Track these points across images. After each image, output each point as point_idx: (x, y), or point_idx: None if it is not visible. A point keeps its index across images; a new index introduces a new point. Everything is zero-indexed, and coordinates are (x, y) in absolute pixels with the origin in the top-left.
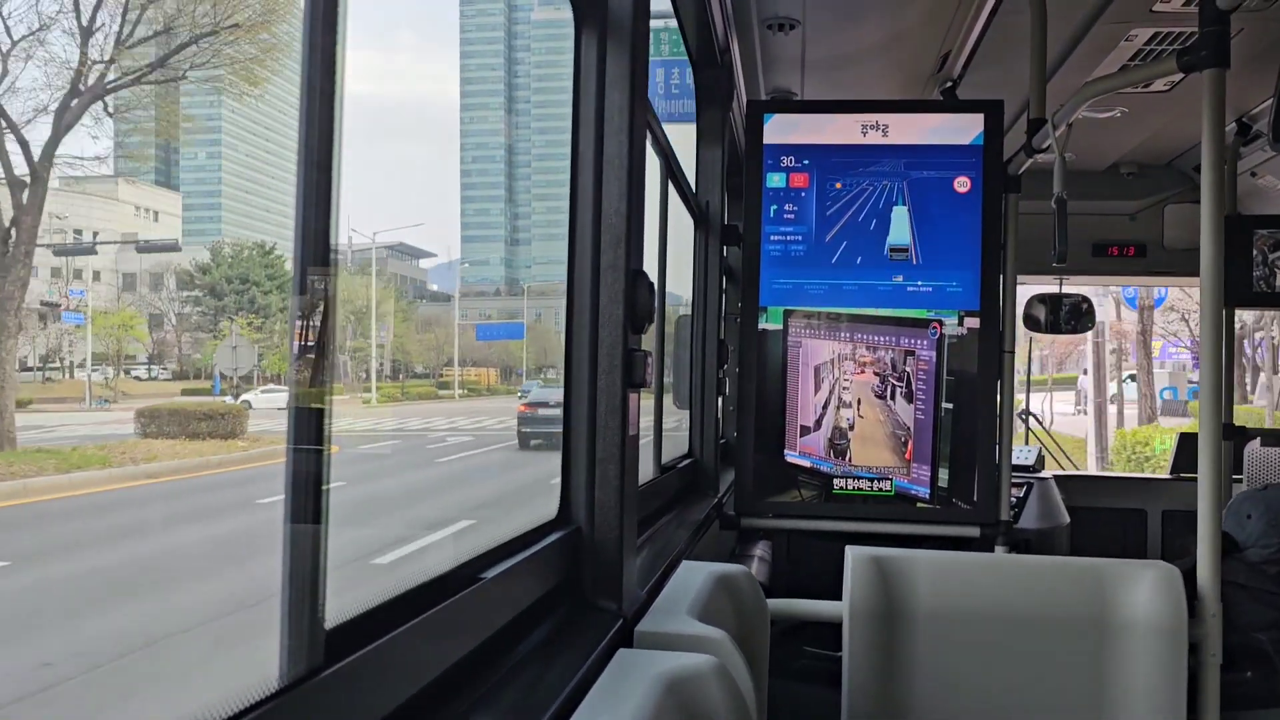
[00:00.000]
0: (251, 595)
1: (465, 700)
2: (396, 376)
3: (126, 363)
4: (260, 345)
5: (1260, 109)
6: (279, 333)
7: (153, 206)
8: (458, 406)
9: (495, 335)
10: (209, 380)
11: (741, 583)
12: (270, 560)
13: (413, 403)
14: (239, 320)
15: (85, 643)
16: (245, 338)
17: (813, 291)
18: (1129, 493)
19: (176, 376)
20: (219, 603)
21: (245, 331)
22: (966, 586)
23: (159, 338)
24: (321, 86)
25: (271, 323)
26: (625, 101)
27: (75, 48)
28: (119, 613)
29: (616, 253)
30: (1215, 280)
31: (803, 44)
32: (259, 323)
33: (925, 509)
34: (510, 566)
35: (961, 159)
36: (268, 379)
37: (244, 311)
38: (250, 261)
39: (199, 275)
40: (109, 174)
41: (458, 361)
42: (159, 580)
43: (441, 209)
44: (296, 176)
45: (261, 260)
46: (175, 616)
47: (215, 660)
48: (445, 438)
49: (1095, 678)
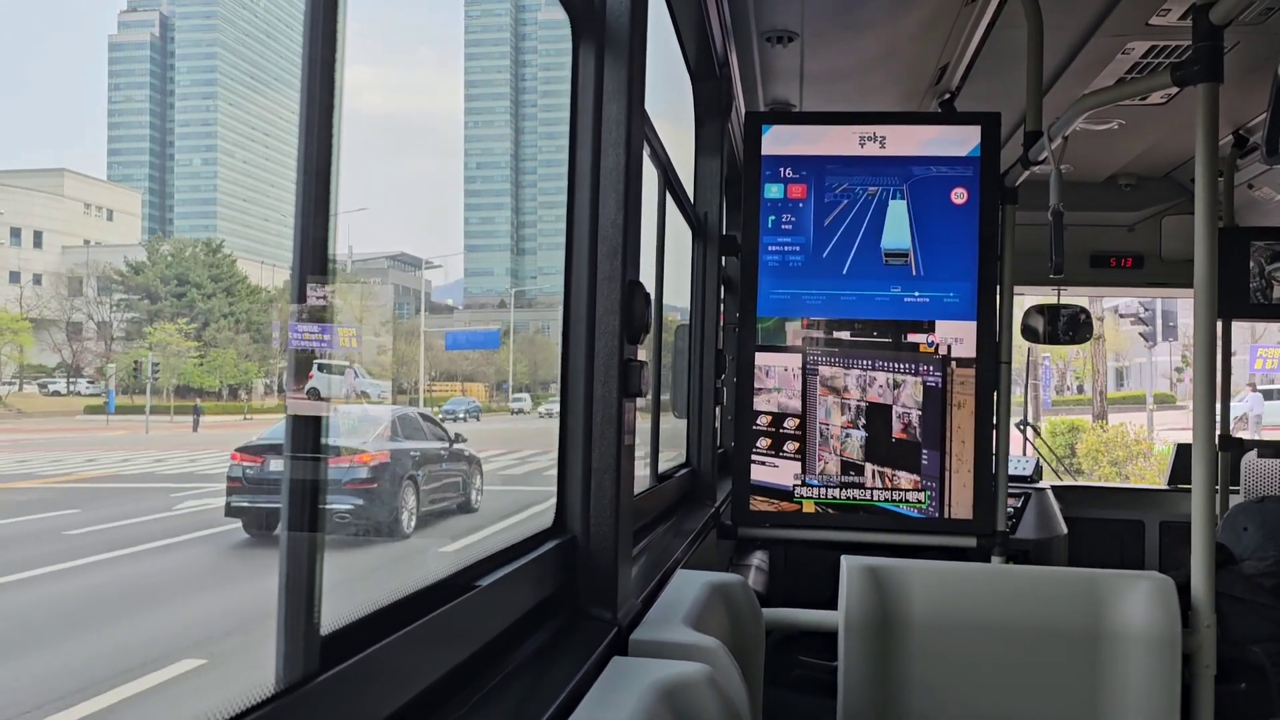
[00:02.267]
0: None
1: (458, 707)
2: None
3: (31, 374)
4: (194, 354)
5: (1257, 121)
6: (222, 341)
7: (106, 204)
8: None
9: (466, 344)
10: (140, 395)
11: (737, 592)
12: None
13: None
14: (168, 326)
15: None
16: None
17: (810, 302)
18: (1126, 504)
19: (126, 391)
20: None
21: (175, 339)
22: (961, 597)
23: (80, 347)
24: (321, 96)
25: (214, 330)
26: (623, 114)
27: None
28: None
29: (613, 264)
30: (1209, 292)
31: (801, 56)
32: (192, 329)
33: (922, 520)
34: (505, 575)
35: (959, 170)
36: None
37: (180, 316)
38: (192, 261)
39: (130, 275)
40: (54, 167)
41: (424, 374)
42: None
43: (444, 218)
44: (296, 184)
45: (206, 260)
46: None
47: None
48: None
49: (1090, 688)
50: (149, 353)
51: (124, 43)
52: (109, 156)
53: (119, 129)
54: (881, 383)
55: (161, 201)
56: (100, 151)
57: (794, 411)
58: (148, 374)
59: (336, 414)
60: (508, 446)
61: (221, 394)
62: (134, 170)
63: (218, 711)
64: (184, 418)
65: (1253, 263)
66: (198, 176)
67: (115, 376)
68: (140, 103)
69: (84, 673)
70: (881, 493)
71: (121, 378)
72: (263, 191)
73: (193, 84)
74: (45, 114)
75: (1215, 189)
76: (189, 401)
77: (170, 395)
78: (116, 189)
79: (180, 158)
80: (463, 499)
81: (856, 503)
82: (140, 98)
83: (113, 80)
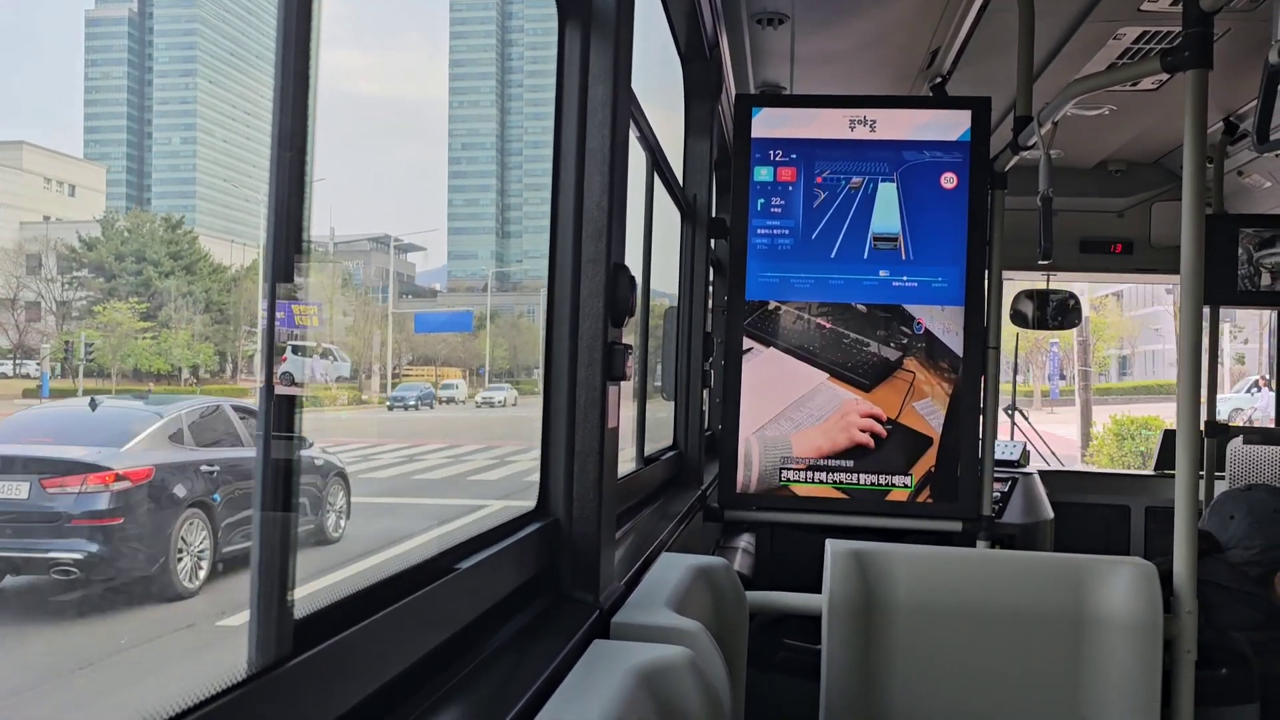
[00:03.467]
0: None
1: (437, 690)
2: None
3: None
4: (145, 336)
5: (1247, 108)
6: (177, 321)
7: (68, 179)
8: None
9: (437, 327)
10: (91, 380)
11: (720, 575)
12: None
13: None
14: (120, 306)
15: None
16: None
17: (799, 285)
18: (1113, 489)
19: (68, 373)
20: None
21: (126, 319)
22: (945, 581)
23: (25, 327)
24: (296, 66)
25: (169, 310)
26: (609, 95)
27: None
28: None
29: (598, 246)
30: (1195, 278)
31: (792, 38)
32: (144, 308)
33: (909, 504)
34: (485, 558)
35: (948, 155)
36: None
37: (135, 295)
38: (149, 236)
39: (84, 251)
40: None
41: (391, 358)
42: None
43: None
44: (270, 161)
45: (165, 236)
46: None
47: None
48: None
49: (1072, 672)
50: (85, 333)
51: (102, 18)
52: (85, 135)
53: (96, 105)
54: (869, 365)
55: (140, 181)
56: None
57: (783, 394)
58: (79, 355)
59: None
60: (487, 440)
61: (184, 376)
62: (112, 149)
63: (190, 696)
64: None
65: (1241, 249)
66: (177, 155)
67: (49, 358)
68: (118, 80)
69: None
70: (868, 476)
71: (57, 359)
72: (244, 171)
73: (171, 61)
74: (18, 89)
75: (1203, 175)
76: (141, 385)
77: (119, 378)
78: (80, 164)
79: (159, 136)
80: (310, 527)
81: (843, 486)
82: (118, 74)
83: (90, 56)
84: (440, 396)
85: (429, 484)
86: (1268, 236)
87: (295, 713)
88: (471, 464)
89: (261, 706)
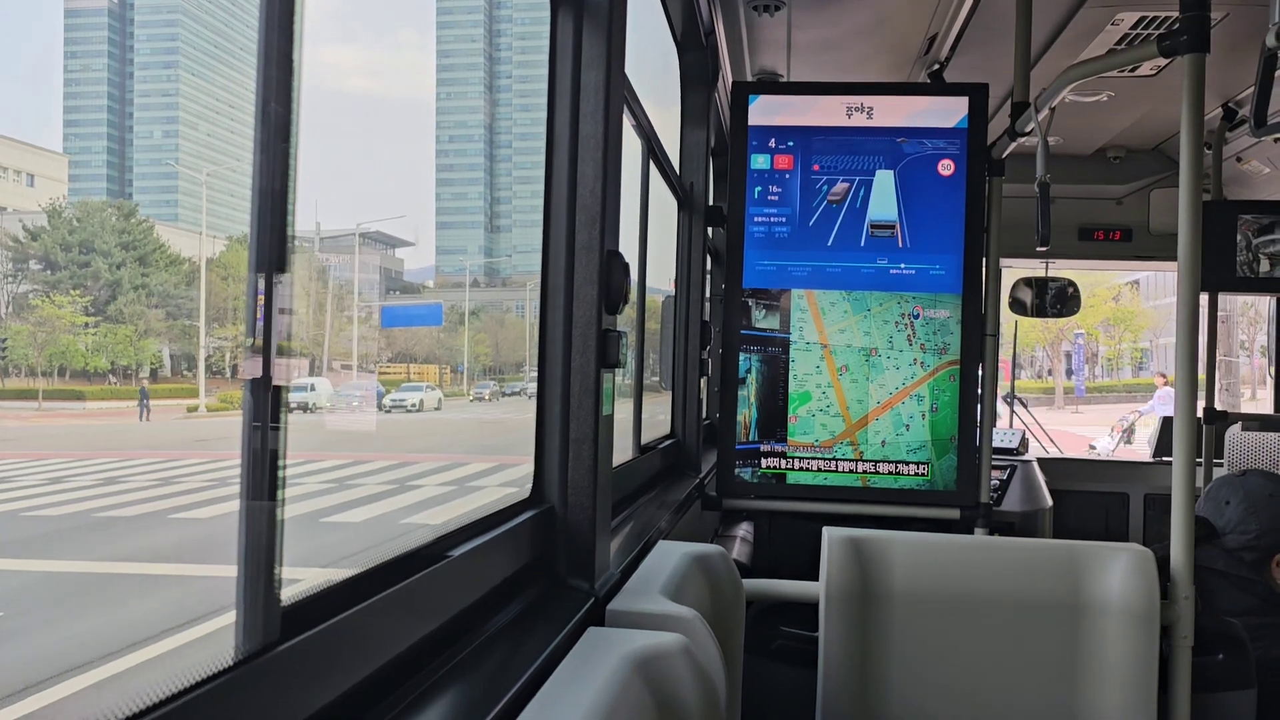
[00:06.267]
0: None
1: (429, 677)
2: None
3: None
4: (97, 331)
5: (1245, 94)
6: (130, 315)
7: (26, 169)
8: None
9: (405, 321)
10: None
11: (717, 563)
12: None
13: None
14: (60, 299)
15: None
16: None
17: (796, 273)
18: (1112, 476)
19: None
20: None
21: (69, 315)
22: (942, 568)
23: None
24: (280, 49)
25: (120, 304)
26: (601, 81)
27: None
28: None
29: (591, 233)
30: (1192, 264)
31: (789, 26)
32: (87, 301)
33: (907, 492)
34: (479, 545)
35: (946, 142)
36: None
37: (77, 288)
38: (99, 226)
39: (28, 242)
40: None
41: (353, 356)
42: None
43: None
44: (253, 148)
45: (117, 225)
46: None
47: None
48: None
49: (1069, 658)
50: (87, 319)
51: (81, 8)
52: (65, 128)
53: (75, 99)
54: (866, 355)
55: (121, 176)
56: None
57: (780, 381)
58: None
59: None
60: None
61: (136, 374)
62: (93, 142)
63: (173, 682)
64: (60, 404)
65: (1240, 236)
66: (159, 149)
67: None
68: (98, 71)
69: None
70: (865, 464)
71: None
72: (229, 165)
73: (153, 53)
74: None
75: (1200, 161)
76: (75, 385)
77: (56, 378)
78: (41, 154)
79: (140, 129)
80: None
81: (841, 474)
82: (99, 66)
83: (69, 48)
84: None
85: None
86: (1266, 223)
87: (284, 698)
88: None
89: (248, 692)
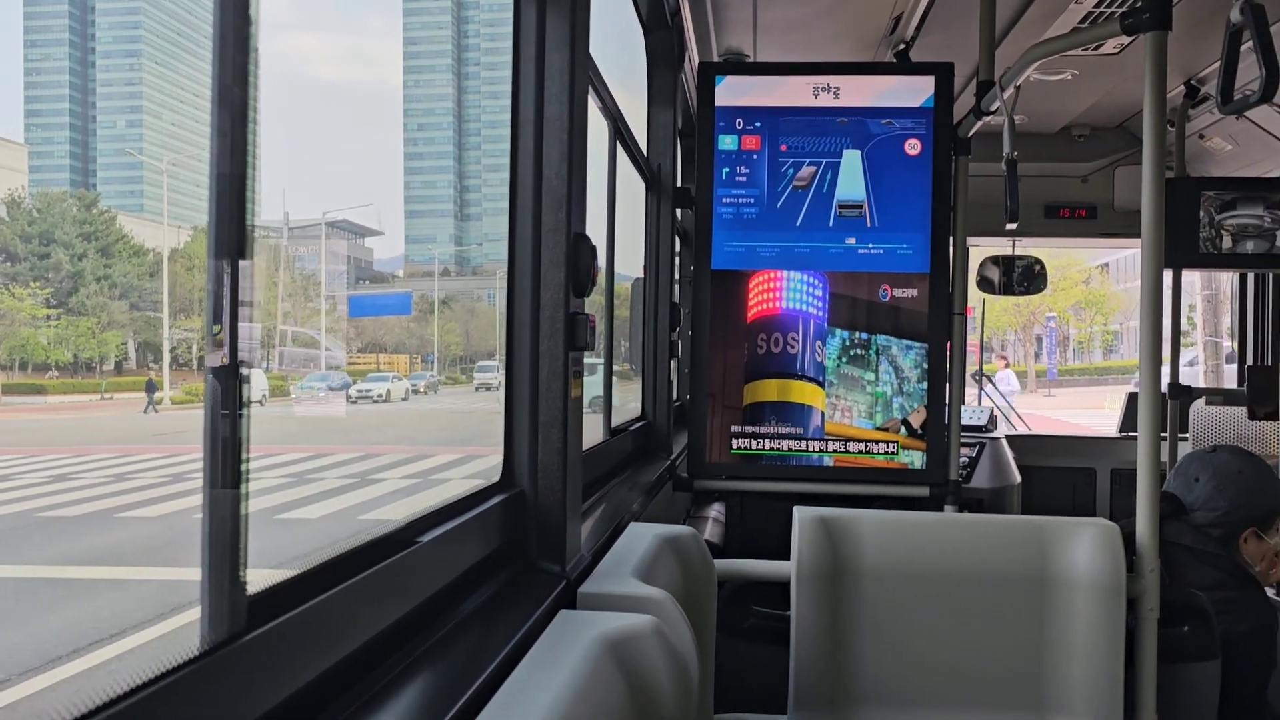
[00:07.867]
0: None
1: (400, 662)
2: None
3: None
4: (59, 324)
5: (1208, 71)
6: (93, 307)
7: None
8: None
9: (373, 310)
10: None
11: (688, 544)
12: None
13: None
14: (21, 292)
15: None
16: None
17: (765, 254)
18: (1079, 452)
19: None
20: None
21: (29, 307)
22: (911, 545)
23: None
24: (237, 26)
25: (82, 296)
26: (565, 63)
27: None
28: None
29: (557, 216)
30: (1155, 241)
31: (754, 5)
32: (48, 293)
33: (877, 470)
34: (448, 530)
35: (912, 121)
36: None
37: (41, 279)
38: (60, 216)
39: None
40: None
41: (310, 342)
42: None
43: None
44: (210, 133)
45: (79, 216)
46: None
47: None
48: None
49: (1037, 631)
50: (47, 312)
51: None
52: (26, 119)
53: (36, 89)
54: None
55: (85, 166)
56: (17, 111)
57: (750, 362)
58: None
59: None
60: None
61: (99, 367)
62: (55, 133)
63: (139, 674)
64: (14, 399)
65: (1203, 212)
66: (122, 139)
67: None
68: (60, 61)
69: None
70: (835, 443)
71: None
72: (192, 154)
73: (115, 41)
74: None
75: (1163, 138)
76: (34, 379)
77: (16, 371)
78: (0, 143)
79: (103, 119)
80: None
81: (812, 453)
82: (60, 55)
83: (29, 37)
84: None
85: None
86: (1229, 199)
87: (252, 687)
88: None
89: (215, 682)
